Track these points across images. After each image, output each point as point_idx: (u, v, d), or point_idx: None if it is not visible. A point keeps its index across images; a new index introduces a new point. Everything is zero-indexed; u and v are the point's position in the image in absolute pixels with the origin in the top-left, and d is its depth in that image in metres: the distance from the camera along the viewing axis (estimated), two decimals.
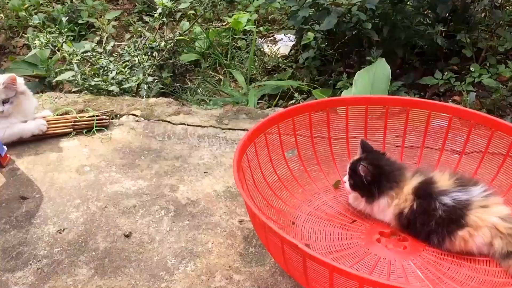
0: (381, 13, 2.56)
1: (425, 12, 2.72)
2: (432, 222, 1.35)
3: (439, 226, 1.34)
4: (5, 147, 1.85)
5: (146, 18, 3.38)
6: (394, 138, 1.69)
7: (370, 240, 1.41)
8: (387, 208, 1.43)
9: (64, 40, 2.61)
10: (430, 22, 2.67)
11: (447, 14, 2.64)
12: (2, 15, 3.60)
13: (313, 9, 2.60)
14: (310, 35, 2.92)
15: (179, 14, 3.46)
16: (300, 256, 1.11)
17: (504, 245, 1.29)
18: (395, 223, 1.42)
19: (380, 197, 1.43)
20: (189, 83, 2.91)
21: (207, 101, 2.66)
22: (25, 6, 3.53)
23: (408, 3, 2.68)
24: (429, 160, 1.64)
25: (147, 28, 3.20)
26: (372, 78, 2.17)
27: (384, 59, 2.25)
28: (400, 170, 1.45)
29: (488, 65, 2.57)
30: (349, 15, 2.50)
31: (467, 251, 1.34)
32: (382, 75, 2.17)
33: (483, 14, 2.85)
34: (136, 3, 3.83)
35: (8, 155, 1.86)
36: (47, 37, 2.55)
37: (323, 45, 2.87)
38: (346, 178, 1.51)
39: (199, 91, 2.79)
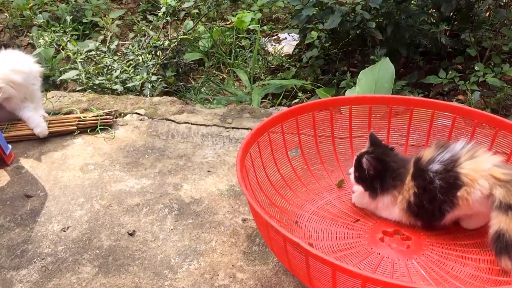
0: (385, 12, 2.56)
1: (429, 11, 2.72)
2: (438, 195, 1.33)
3: (444, 195, 1.32)
4: (9, 146, 1.86)
5: (150, 17, 3.39)
6: (398, 137, 1.68)
7: (374, 239, 1.41)
8: (392, 205, 1.42)
9: (68, 39, 2.62)
10: (434, 21, 2.67)
11: (451, 13, 2.64)
12: (6, 14, 3.61)
13: (317, 8, 2.60)
14: (314, 34, 2.92)
15: (183, 13, 3.46)
16: (303, 255, 1.11)
17: (504, 194, 1.25)
18: (407, 216, 1.40)
19: (384, 193, 1.42)
20: (192, 82, 2.92)
21: (211, 100, 2.66)
22: (30, 5, 3.55)
23: (412, 2, 2.68)
24: None
25: (151, 27, 3.21)
26: (376, 77, 2.16)
27: (388, 58, 2.25)
28: (405, 168, 1.42)
29: (492, 64, 2.56)
30: (353, 14, 2.49)
31: (470, 211, 1.33)
32: (386, 74, 2.16)
33: (487, 13, 2.85)
34: (140, 2, 3.84)
35: (12, 154, 1.87)
36: (51, 36, 2.56)
37: (327, 44, 2.87)
38: (351, 170, 1.50)
39: (202, 90, 2.79)
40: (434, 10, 2.71)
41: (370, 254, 1.36)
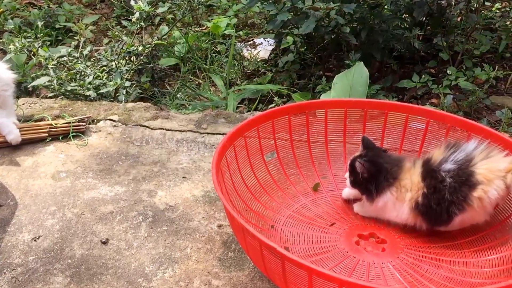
0: (359, 17, 2.58)
1: (402, 16, 2.76)
2: (446, 195, 1.32)
3: (453, 195, 1.32)
4: None
5: (124, 23, 3.35)
6: (372, 140, 1.69)
7: (349, 242, 1.41)
8: (399, 202, 1.39)
9: (40, 44, 2.57)
10: (407, 26, 2.71)
11: (423, 18, 2.68)
12: None
13: (292, 13, 2.61)
14: (289, 39, 2.93)
15: (158, 19, 3.44)
16: (279, 259, 1.10)
17: None
18: (414, 214, 1.38)
19: (382, 194, 1.40)
20: (168, 88, 2.89)
21: (187, 105, 2.64)
22: (0, 10, 3.48)
23: (385, 7, 2.71)
24: None
25: (125, 32, 3.18)
26: (351, 82, 2.18)
27: (362, 62, 2.27)
28: (398, 166, 1.41)
29: (464, 68, 2.61)
30: (327, 19, 2.51)
31: (478, 214, 1.34)
32: (361, 78, 2.18)
33: (459, 18, 2.90)
34: (115, 8, 3.81)
35: None
36: (22, 42, 2.51)
37: (302, 49, 2.89)
38: (347, 175, 1.49)
39: (178, 95, 2.77)
40: (407, 15, 2.75)
41: (346, 257, 1.36)
